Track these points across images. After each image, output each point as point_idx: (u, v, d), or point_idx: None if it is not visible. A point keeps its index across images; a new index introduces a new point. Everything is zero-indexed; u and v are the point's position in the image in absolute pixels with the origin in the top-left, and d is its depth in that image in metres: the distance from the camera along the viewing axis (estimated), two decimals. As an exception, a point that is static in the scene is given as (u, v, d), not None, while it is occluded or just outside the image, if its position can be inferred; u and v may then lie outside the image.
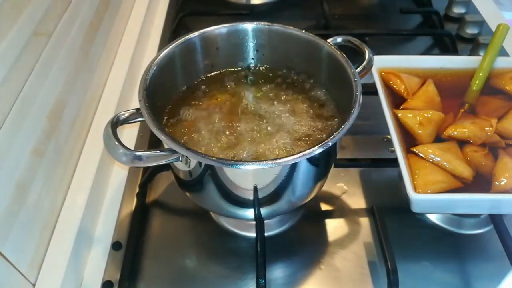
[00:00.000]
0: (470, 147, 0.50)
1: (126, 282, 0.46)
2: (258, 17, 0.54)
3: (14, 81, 0.41)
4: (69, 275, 0.44)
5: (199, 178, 0.43)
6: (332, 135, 0.40)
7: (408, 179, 0.45)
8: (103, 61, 0.64)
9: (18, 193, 0.40)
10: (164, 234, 0.52)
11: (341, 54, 0.48)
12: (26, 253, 0.42)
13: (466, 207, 0.46)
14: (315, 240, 0.51)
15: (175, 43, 0.49)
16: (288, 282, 0.47)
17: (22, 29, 0.43)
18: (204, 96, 0.52)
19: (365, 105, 0.43)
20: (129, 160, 0.40)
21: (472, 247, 0.50)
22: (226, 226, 0.52)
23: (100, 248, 0.50)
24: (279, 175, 0.41)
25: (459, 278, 0.47)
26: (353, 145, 0.61)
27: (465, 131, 0.51)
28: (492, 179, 0.47)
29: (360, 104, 0.43)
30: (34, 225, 0.43)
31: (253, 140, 0.47)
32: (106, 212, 0.54)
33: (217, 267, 0.49)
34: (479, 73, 0.57)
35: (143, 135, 0.62)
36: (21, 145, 0.41)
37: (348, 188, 0.56)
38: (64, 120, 0.50)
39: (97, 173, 0.53)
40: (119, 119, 0.43)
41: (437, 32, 0.81)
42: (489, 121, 0.51)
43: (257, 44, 0.54)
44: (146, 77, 0.45)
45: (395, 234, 0.49)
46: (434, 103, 0.55)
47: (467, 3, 0.84)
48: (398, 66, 0.58)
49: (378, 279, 0.47)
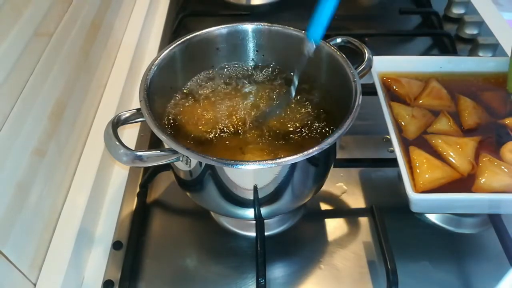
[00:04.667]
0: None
1: (126, 281, 0.46)
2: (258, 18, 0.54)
3: (15, 82, 0.41)
4: (70, 275, 0.45)
5: (200, 178, 0.43)
6: (331, 135, 0.40)
7: (407, 179, 0.45)
8: (104, 62, 0.64)
9: (19, 193, 0.41)
10: (165, 233, 0.52)
11: (340, 55, 0.48)
12: (27, 253, 0.42)
13: (465, 207, 0.47)
14: (315, 240, 0.51)
15: (175, 43, 0.49)
16: (288, 281, 0.48)
17: (23, 30, 0.43)
18: (205, 96, 0.52)
19: (364, 105, 0.43)
20: (129, 160, 0.40)
21: (471, 246, 0.50)
22: (226, 225, 0.52)
23: (100, 248, 0.50)
24: (279, 175, 0.41)
25: (458, 277, 0.48)
26: (353, 145, 0.61)
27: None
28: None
29: (360, 104, 0.43)
30: (35, 225, 0.43)
31: (253, 139, 0.47)
32: (107, 212, 0.54)
33: (217, 266, 0.49)
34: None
35: (143, 135, 0.63)
36: (22, 145, 0.41)
37: (347, 188, 0.56)
38: (65, 120, 0.50)
39: (98, 173, 0.53)
40: (120, 119, 0.43)
41: (436, 32, 0.81)
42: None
43: (257, 44, 0.54)
44: (147, 77, 0.45)
45: (395, 234, 0.49)
46: (442, 97, 0.55)
47: (466, 3, 0.84)
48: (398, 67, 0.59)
49: (378, 278, 0.47)
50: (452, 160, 0.49)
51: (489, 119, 0.54)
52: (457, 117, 0.54)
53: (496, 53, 0.74)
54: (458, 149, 0.49)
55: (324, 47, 0.50)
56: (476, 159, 0.49)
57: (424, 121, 0.53)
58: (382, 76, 0.58)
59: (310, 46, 0.44)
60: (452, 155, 0.49)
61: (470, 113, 0.54)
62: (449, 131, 0.52)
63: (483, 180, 0.47)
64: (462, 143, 0.50)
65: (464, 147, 0.50)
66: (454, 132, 0.52)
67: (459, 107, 0.55)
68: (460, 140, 0.50)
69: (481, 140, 0.51)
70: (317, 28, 0.42)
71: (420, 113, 0.53)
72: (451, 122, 0.52)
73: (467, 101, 0.55)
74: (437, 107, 0.55)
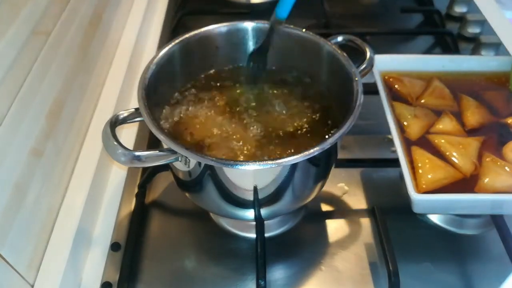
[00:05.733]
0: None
1: (125, 283, 0.46)
2: (258, 16, 0.54)
3: (12, 81, 0.41)
4: (67, 276, 0.44)
5: (199, 178, 0.43)
6: (332, 135, 0.40)
7: (409, 180, 0.45)
8: (102, 60, 0.63)
9: (16, 194, 0.40)
10: (163, 234, 0.52)
11: (342, 53, 0.48)
12: (24, 254, 0.41)
13: (467, 207, 0.47)
14: (316, 241, 0.51)
15: (174, 42, 0.49)
16: (288, 283, 0.47)
17: (21, 28, 0.42)
18: (204, 95, 0.52)
19: (366, 105, 0.43)
20: (128, 160, 0.39)
21: (474, 247, 0.50)
22: (226, 226, 0.52)
23: (99, 249, 0.50)
24: (279, 176, 0.41)
25: (461, 279, 0.47)
26: (354, 145, 0.61)
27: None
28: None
29: (361, 103, 0.42)
30: (33, 226, 0.43)
31: (253, 139, 0.47)
32: (105, 212, 0.53)
33: (217, 268, 0.48)
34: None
35: (142, 135, 0.62)
36: (20, 145, 0.41)
37: (349, 188, 0.56)
38: (62, 120, 0.50)
39: (96, 173, 0.53)
40: (118, 119, 0.42)
41: (439, 31, 0.81)
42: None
43: (257, 43, 0.54)
44: (145, 76, 0.45)
45: (396, 235, 0.49)
46: (445, 96, 0.55)
47: (469, 2, 0.84)
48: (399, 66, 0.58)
49: (379, 280, 0.47)
50: (455, 160, 0.48)
51: (492, 119, 0.54)
52: (459, 116, 0.54)
53: (499, 52, 0.74)
54: (461, 149, 0.49)
55: (325, 45, 0.49)
56: (479, 159, 0.48)
57: (427, 121, 0.53)
58: (384, 75, 0.58)
59: (274, 19, 0.49)
60: (455, 155, 0.48)
61: (473, 112, 0.53)
62: (452, 131, 0.51)
63: (486, 180, 0.46)
64: (465, 143, 0.50)
65: (467, 147, 0.49)
66: (457, 132, 0.52)
67: (461, 107, 0.55)
68: (463, 140, 0.50)
69: (484, 140, 0.51)
70: (284, 6, 0.48)
71: (423, 113, 0.53)
72: (454, 122, 0.52)
73: (469, 100, 0.55)
74: (440, 107, 0.55)
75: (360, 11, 0.89)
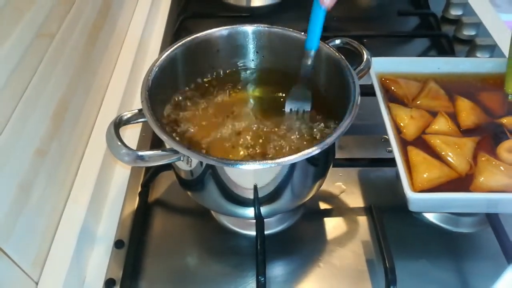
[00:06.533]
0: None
1: (128, 280, 0.46)
2: (258, 20, 0.54)
3: (17, 82, 0.41)
4: (71, 273, 0.45)
5: (200, 177, 0.43)
6: (330, 135, 0.40)
7: (405, 179, 0.46)
8: (106, 63, 0.64)
9: (21, 193, 0.41)
10: (166, 232, 0.52)
11: (339, 56, 0.49)
12: (29, 252, 0.42)
13: (463, 206, 0.47)
14: (314, 239, 0.51)
15: (176, 45, 0.50)
16: (287, 279, 0.48)
17: (25, 31, 0.43)
18: (205, 97, 0.53)
19: (363, 106, 0.44)
20: (131, 160, 0.40)
21: (469, 245, 0.51)
22: (227, 224, 0.53)
23: (102, 247, 0.51)
24: (279, 175, 0.41)
25: (456, 276, 0.48)
26: (352, 145, 0.61)
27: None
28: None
29: (358, 104, 0.43)
30: (37, 224, 0.44)
31: (253, 140, 0.48)
32: (109, 211, 0.54)
33: (218, 265, 0.49)
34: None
35: (145, 135, 0.63)
36: (24, 146, 0.42)
37: (346, 187, 0.56)
38: (67, 120, 0.50)
39: (100, 172, 0.53)
40: (122, 120, 0.43)
41: (434, 33, 0.81)
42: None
43: (257, 46, 0.54)
44: (148, 78, 0.45)
45: (393, 233, 0.50)
46: (440, 97, 0.56)
47: (464, 5, 0.85)
48: (396, 68, 0.59)
49: (376, 276, 0.48)
50: (451, 160, 0.49)
51: (487, 119, 0.54)
52: (455, 117, 0.54)
53: (494, 54, 0.75)
54: (457, 149, 0.50)
55: (323, 48, 0.50)
56: (474, 159, 0.49)
57: (423, 122, 0.53)
58: (381, 77, 0.58)
59: (308, 54, 0.49)
60: (451, 155, 0.49)
61: (468, 113, 0.54)
62: (447, 132, 0.52)
63: (481, 179, 0.47)
64: (461, 143, 0.50)
65: (463, 147, 0.50)
66: (453, 132, 0.52)
67: (457, 108, 0.55)
68: (458, 140, 0.51)
69: (479, 140, 0.51)
70: (313, 38, 0.48)
71: (419, 114, 0.54)
72: (450, 123, 0.53)
73: (465, 101, 0.55)
74: (435, 108, 0.55)
75: (357, 14, 0.90)
